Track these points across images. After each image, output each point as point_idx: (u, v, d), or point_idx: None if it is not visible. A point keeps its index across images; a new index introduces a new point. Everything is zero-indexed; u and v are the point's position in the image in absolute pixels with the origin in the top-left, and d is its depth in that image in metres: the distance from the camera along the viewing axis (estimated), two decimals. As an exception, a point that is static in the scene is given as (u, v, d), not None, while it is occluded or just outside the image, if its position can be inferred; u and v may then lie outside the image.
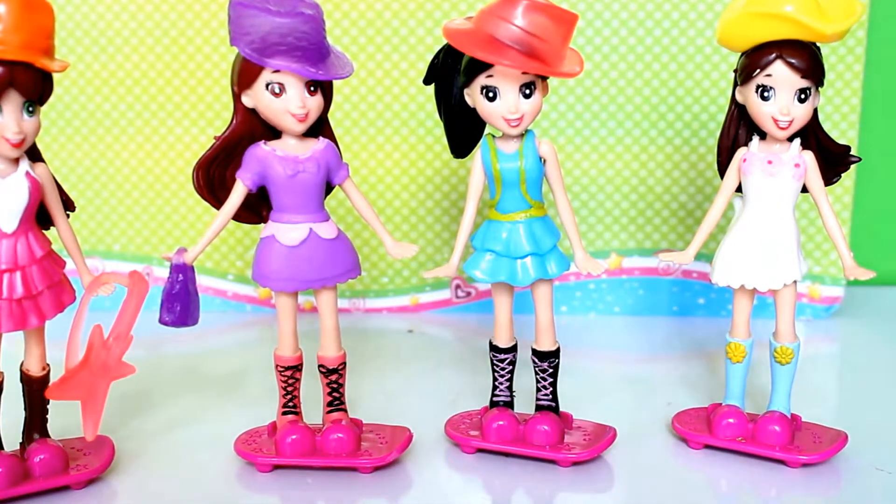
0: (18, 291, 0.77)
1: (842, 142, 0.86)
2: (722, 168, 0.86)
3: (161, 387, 1.04)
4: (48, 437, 0.83)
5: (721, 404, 0.90)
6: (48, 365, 0.83)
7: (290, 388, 0.86)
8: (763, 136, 0.83)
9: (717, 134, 0.86)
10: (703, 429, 0.89)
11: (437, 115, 0.85)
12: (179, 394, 1.02)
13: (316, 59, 0.77)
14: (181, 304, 0.81)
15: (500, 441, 0.87)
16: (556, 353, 0.87)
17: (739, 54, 0.82)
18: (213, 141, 0.82)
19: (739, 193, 0.85)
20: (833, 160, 0.85)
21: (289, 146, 0.81)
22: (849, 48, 1.19)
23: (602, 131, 1.23)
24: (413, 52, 1.21)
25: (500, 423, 0.87)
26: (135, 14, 1.22)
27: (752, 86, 0.80)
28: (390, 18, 1.20)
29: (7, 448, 0.82)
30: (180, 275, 0.81)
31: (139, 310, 0.79)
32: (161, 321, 0.81)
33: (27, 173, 0.77)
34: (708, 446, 0.88)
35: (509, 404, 0.90)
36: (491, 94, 0.79)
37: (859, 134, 1.24)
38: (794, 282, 0.84)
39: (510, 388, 0.90)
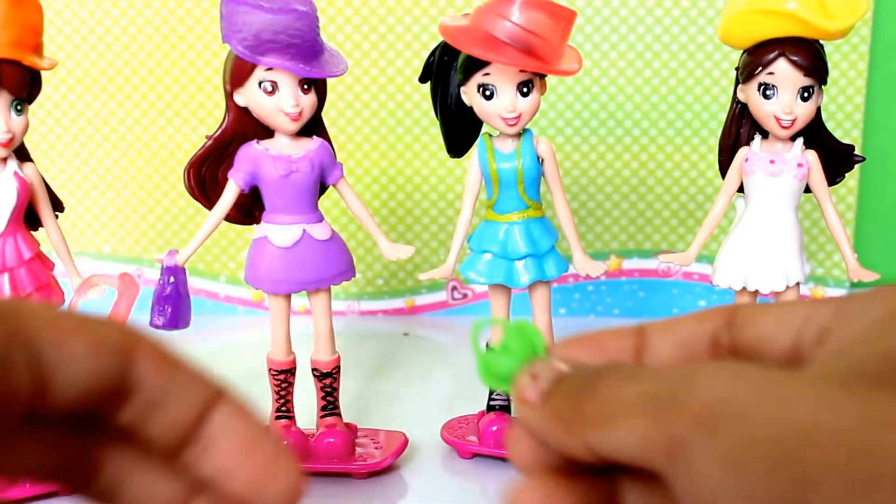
0: (6, 294, 0.77)
1: (845, 141, 0.85)
2: (723, 168, 0.85)
3: (152, 390, 1.02)
4: (37, 442, 0.82)
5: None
6: (37, 368, 0.82)
7: (282, 392, 0.85)
8: (765, 135, 0.82)
9: (719, 133, 0.85)
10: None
11: (433, 114, 0.85)
12: (171, 397, 1.01)
13: (309, 56, 0.76)
14: (172, 306, 0.80)
15: (498, 446, 0.86)
16: (554, 357, 0.86)
17: (741, 52, 0.81)
18: (205, 140, 0.81)
19: (741, 194, 0.84)
20: (836, 160, 0.84)
21: (282, 145, 0.80)
22: (852, 45, 1.18)
23: (601, 130, 1.22)
24: (409, 49, 1.20)
25: (497, 427, 0.86)
26: (125, 10, 1.21)
27: (754, 84, 0.79)
28: (385, 15, 1.19)
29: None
30: (171, 277, 0.80)
31: (129, 312, 0.79)
32: (152, 324, 0.80)
33: (15, 173, 0.77)
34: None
35: (506, 408, 0.89)
36: (488, 93, 0.78)
37: (863, 133, 1.23)
38: (797, 284, 0.83)
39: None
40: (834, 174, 0.84)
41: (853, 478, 0.22)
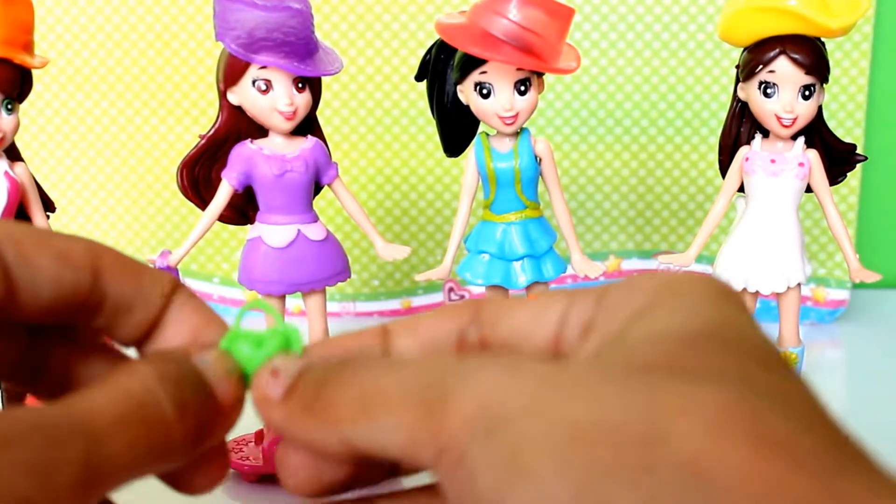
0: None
1: (847, 140, 0.84)
2: (723, 167, 0.84)
3: (146, 393, 1.01)
4: (27, 445, 0.81)
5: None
6: (27, 371, 0.81)
7: (277, 395, 0.84)
8: (766, 134, 0.81)
9: (719, 132, 0.85)
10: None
11: (429, 113, 0.84)
12: (164, 400, 1.00)
13: (304, 54, 0.76)
14: (165, 307, 0.79)
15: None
16: (552, 359, 0.85)
17: (741, 50, 0.80)
18: (198, 139, 0.80)
19: (742, 193, 0.84)
20: (838, 159, 0.83)
21: (276, 145, 0.79)
22: (854, 43, 1.17)
23: (600, 129, 1.21)
24: (404, 47, 1.19)
25: None
26: (118, 8, 1.20)
27: (755, 82, 0.78)
28: (381, 13, 1.18)
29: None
30: (164, 278, 0.79)
31: None
32: (144, 326, 0.79)
33: (6, 173, 0.77)
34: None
35: None
36: (485, 91, 0.78)
37: (865, 132, 1.22)
38: (798, 284, 0.83)
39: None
40: (836, 174, 0.83)
41: (642, 467, 0.21)
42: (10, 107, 0.75)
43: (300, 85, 0.77)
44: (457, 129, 0.83)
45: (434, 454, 0.25)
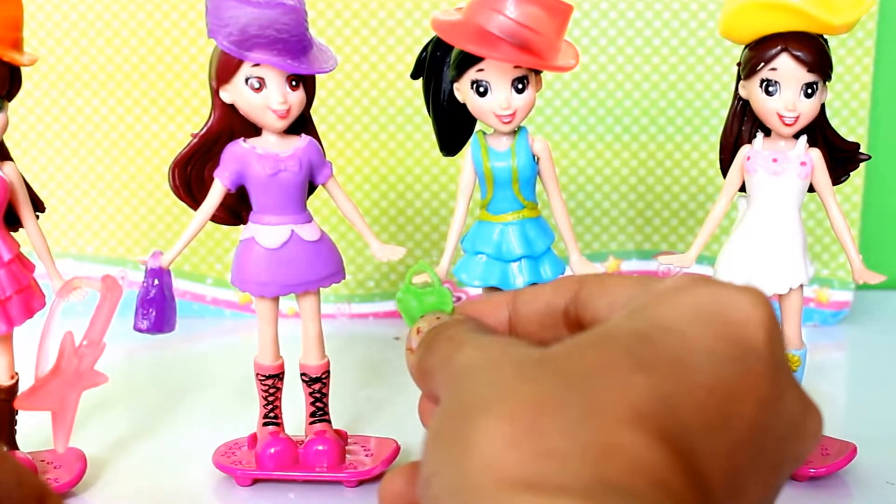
0: (-13, 296, 0.76)
1: (850, 138, 0.84)
2: (724, 167, 0.83)
3: (136, 396, 1.01)
4: (17, 449, 0.81)
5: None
6: (17, 373, 0.81)
7: (270, 398, 0.84)
8: (768, 132, 0.80)
9: (720, 130, 0.84)
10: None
11: (425, 111, 0.84)
12: (155, 404, 0.99)
13: (297, 52, 0.75)
14: (157, 309, 0.79)
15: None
16: (550, 361, 0.85)
17: (743, 47, 0.79)
18: (190, 138, 0.79)
19: (743, 193, 0.83)
20: (841, 158, 0.82)
21: (269, 144, 0.78)
22: (858, 40, 1.16)
23: (599, 128, 1.21)
24: (401, 44, 1.19)
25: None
26: (109, 4, 1.19)
27: (757, 80, 0.77)
28: (376, 9, 1.18)
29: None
30: (156, 279, 0.79)
31: (112, 316, 0.78)
32: (136, 328, 0.79)
33: None
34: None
35: None
36: (482, 89, 0.77)
37: (869, 130, 1.21)
38: (801, 286, 0.82)
39: (502, 397, 0.87)
40: (839, 173, 0.83)
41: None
42: (-2, 105, 0.75)
43: (294, 83, 0.76)
44: (453, 128, 0.82)
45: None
